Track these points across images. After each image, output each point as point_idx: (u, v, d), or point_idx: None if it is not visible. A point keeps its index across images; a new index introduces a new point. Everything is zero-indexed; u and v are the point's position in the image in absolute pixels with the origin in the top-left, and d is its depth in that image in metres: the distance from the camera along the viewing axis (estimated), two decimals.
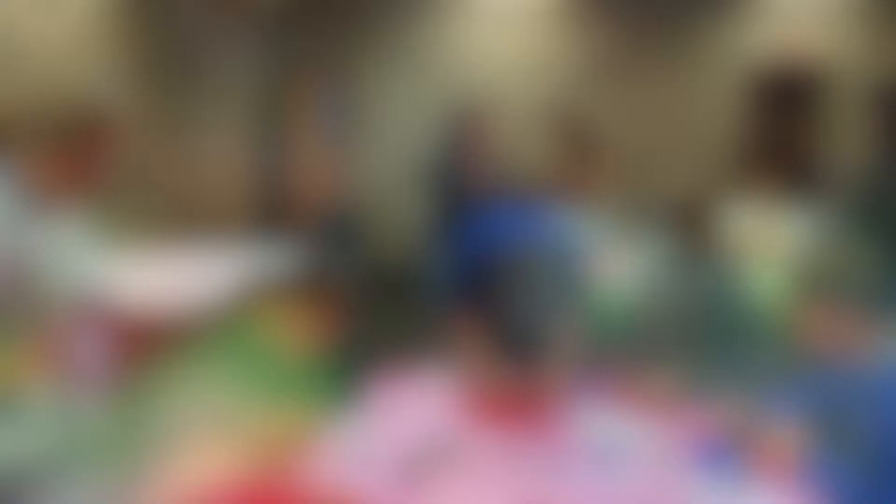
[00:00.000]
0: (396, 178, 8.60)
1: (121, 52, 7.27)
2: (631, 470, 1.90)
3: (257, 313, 2.07)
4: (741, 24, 8.81)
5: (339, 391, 2.29)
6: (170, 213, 8.17)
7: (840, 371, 1.97)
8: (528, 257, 2.16)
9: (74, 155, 1.80)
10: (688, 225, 3.67)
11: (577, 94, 8.75)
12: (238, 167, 8.58)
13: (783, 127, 6.45)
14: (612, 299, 3.80)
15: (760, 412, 2.07)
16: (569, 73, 8.94)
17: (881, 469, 1.69)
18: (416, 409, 2.29)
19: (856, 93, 3.27)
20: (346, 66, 9.01)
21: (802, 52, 8.75)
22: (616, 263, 4.63)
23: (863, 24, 8.69)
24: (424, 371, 2.65)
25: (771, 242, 4.84)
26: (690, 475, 1.90)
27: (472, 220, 2.62)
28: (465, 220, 2.73)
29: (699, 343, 2.45)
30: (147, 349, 3.63)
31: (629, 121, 8.94)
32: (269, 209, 7.46)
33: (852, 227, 2.89)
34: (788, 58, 8.78)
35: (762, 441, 1.85)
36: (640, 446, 2.03)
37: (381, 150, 9.03)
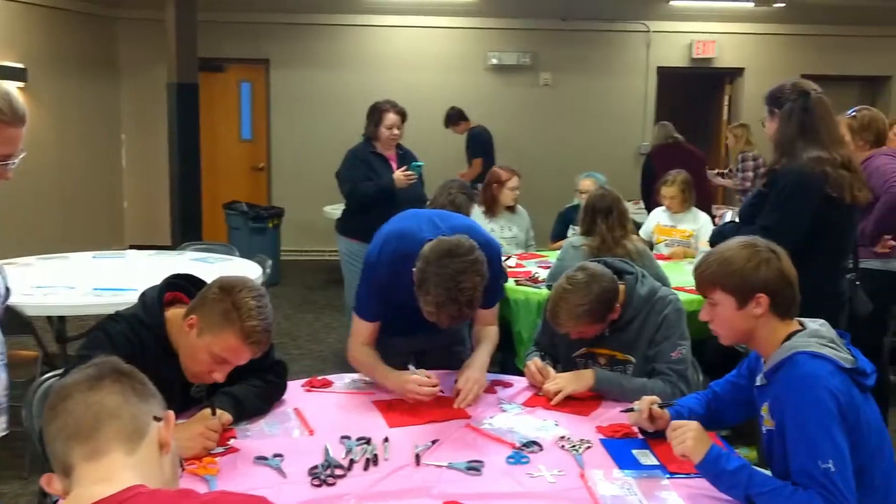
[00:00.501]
0: (319, 171, 8.42)
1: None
2: (541, 460, 1.97)
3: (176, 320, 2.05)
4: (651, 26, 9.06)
5: (263, 395, 2.29)
6: (86, 216, 7.92)
7: (743, 361, 2.08)
8: (441, 252, 2.20)
9: None
10: (602, 223, 3.74)
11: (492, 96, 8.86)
12: (159, 164, 8.35)
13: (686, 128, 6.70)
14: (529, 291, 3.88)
15: (671, 403, 2.14)
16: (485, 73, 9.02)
17: (781, 460, 1.77)
18: (337, 408, 2.32)
19: (758, 94, 3.43)
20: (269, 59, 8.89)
21: (711, 53, 9.07)
22: (534, 258, 4.73)
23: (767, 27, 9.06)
24: (346, 372, 2.66)
25: (681, 239, 5.02)
26: (601, 465, 1.97)
27: (388, 216, 2.65)
28: (382, 215, 2.75)
29: (614, 335, 2.53)
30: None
31: (546, 124, 9.09)
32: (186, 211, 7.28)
33: (742, 221, 3.02)
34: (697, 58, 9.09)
35: (671, 431, 1.91)
36: (550, 437, 2.11)
37: (301, 142, 8.94)
